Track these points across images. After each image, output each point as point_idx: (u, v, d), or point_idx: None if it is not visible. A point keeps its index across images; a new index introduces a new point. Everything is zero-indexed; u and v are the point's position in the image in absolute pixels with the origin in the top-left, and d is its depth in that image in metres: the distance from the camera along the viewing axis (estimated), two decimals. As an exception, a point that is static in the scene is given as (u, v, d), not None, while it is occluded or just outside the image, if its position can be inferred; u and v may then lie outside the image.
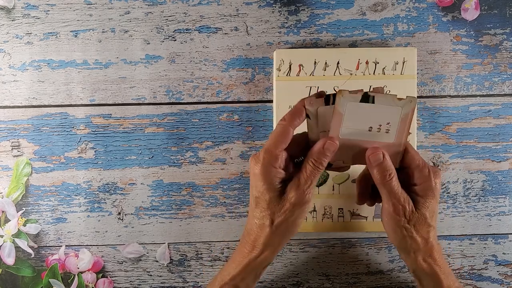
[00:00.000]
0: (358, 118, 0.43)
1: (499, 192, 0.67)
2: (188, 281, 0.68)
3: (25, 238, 0.64)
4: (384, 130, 0.43)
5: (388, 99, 0.42)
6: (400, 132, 0.43)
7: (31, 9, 0.65)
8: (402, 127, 0.43)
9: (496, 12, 0.66)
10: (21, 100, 0.66)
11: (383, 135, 0.43)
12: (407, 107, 0.42)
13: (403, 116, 0.42)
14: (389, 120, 0.43)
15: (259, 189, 0.46)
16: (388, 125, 0.42)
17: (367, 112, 0.42)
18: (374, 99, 0.42)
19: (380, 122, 0.42)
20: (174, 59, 0.66)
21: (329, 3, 0.65)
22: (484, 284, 0.68)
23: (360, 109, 0.42)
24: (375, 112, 0.42)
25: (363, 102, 0.42)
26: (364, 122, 0.43)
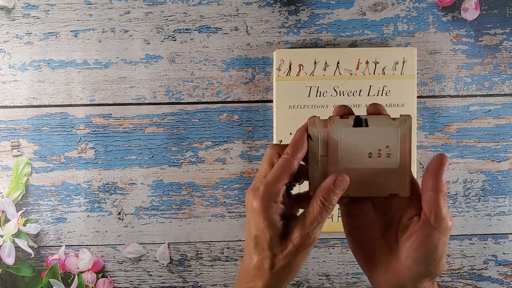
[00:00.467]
0: (355, 145, 0.40)
1: (499, 192, 0.67)
2: (188, 281, 0.68)
3: (25, 238, 0.64)
4: (384, 154, 0.40)
5: (382, 120, 0.40)
6: (403, 154, 0.40)
7: (31, 9, 0.65)
8: (403, 149, 0.40)
9: (496, 12, 0.66)
10: (21, 100, 0.66)
11: (385, 160, 0.40)
12: (403, 126, 0.40)
13: (402, 137, 0.40)
14: (388, 143, 0.40)
15: (258, 227, 0.40)
16: (388, 149, 0.40)
17: (363, 137, 0.40)
18: (367, 122, 0.40)
19: (379, 146, 0.40)
20: (174, 59, 0.66)
21: (329, 3, 0.65)
22: (484, 284, 0.68)
23: (354, 134, 0.40)
24: (371, 135, 0.40)
25: (356, 126, 0.40)
26: (362, 148, 0.40)
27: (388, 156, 0.40)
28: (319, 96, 0.64)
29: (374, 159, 0.40)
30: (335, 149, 0.41)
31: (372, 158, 0.40)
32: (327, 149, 0.41)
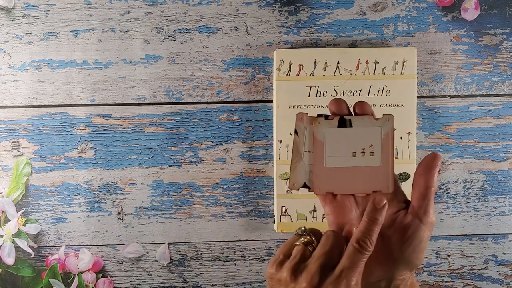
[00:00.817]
0: (339, 144, 0.42)
1: (499, 192, 0.67)
2: (188, 281, 0.68)
3: (25, 238, 0.64)
4: (368, 153, 0.42)
5: (365, 121, 0.42)
6: (386, 153, 0.42)
7: (31, 9, 0.65)
8: (385, 148, 0.42)
9: (496, 12, 0.66)
10: (21, 100, 0.66)
11: (369, 158, 0.42)
12: (385, 126, 0.42)
13: (384, 136, 0.42)
14: (371, 142, 0.42)
15: None
16: (372, 148, 0.42)
17: (347, 137, 0.42)
18: (351, 122, 0.42)
19: (362, 145, 0.42)
20: (174, 59, 0.66)
21: (329, 3, 0.65)
22: (484, 284, 0.68)
23: (339, 135, 0.42)
24: (355, 135, 0.42)
25: (340, 127, 0.42)
26: (346, 148, 0.42)
27: (371, 155, 0.42)
28: (319, 96, 0.64)
29: (358, 158, 0.42)
30: (320, 149, 0.42)
31: (356, 157, 0.42)
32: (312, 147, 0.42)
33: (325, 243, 0.40)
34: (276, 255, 0.41)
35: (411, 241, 0.41)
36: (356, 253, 0.38)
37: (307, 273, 0.38)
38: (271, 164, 0.66)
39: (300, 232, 0.41)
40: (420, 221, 0.41)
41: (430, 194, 0.41)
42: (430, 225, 0.41)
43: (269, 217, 0.67)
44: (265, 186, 0.67)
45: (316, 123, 0.42)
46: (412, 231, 0.41)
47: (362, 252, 0.38)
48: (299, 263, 0.39)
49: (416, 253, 0.41)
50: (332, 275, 0.38)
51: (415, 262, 0.41)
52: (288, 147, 0.64)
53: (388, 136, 0.42)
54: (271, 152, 0.66)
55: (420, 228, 0.41)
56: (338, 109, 0.42)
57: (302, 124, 0.42)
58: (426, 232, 0.41)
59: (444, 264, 0.68)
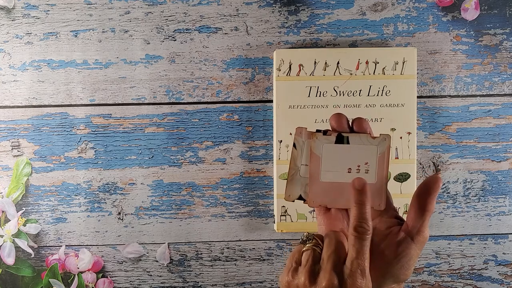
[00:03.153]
0: (336, 160, 0.43)
1: (499, 192, 0.67)
2: (188, 281, 0.68)
3: (25, 238, 0.64)
4: (363, 170, 0.43)
5: (362, 139, 0.43)
6: (380, 170, 0.43)
7: (31, 9, 0.65)
8: (380, 166, 0.43)
9: (496, 12, 0.66)
10: (21, 100, 0.66)
11: (364, 175, 0.43)
12: (382, 145, 0.43)
13: (380, 155, 0.43)
14: (367, 160, 0.43)
15: None
16: (367, 165, 0.43)
17: (344, 153, 0.43)
18: (348, 139, 0.43)
19: (358, 162, 0.43)
20: (174, 59, 0.66)
21: (329, 3, 0.65)
22: (484, 284, 0.68)
23: (336, 151, 0.43)
24: (351, 152, 0.43)
25: (338, 143, 0.43)
26: (342, 164, 0.43)
27: (366, 172, 0.43)
28: (319, 96, 0.64)
29: (353, 174, 0.43)
30: (317, 163, 0.43)
31: (351, 173, 0.43)
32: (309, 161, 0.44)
33: (330, 242, 0.41)
34: (288, 264, 0.42)
35: (400, 257, 0.41)
36: (359, 240, 0.39)
37: (324, 273, 0.39)
38: (271, 164, 0.66)
39: (305, 238, 0.42)
40: (412, 240, 0.41)
41: (427, 216, 0.41)
42: (422, 243, 0.42)
43: (269, 217, 0.67)
44: (265, 186, 0.67)
45: (314, 138, 0.43)
46: (402, 248, 0.41)
47: (363, 237, 0.39)
48: (314, 266, 0.40)
49: (404, 269, 0.41)
50: (346, 269, 0.39)
51: (403, 277, 0.42)
52: (288, 147, 0.64)
53: (384, 155, 0.43)
54: (271, 152, 0.66)
55: (411, 246, 0.41)
56: (338, 124, 0.44)
57: (300, 138, 0.44)
58: (417, 250, 0.41)
59: (444, 264, 0.68)
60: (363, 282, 0.39)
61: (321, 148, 0.43)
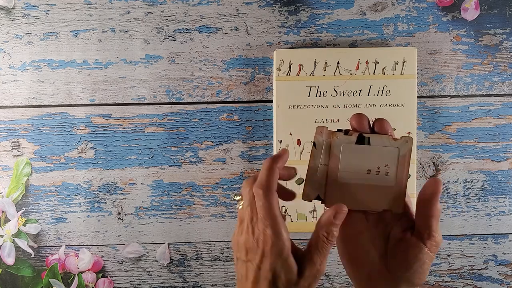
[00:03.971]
0: (355, 161, 0.42)
1: (499, 192, 0.67)
2: (188, 281, 0.68)
3: (25, 238, 0.64)
4: (383, 172, 0.42)
5: (384, 140, 0.42)
6: (400, 174, 0.42)
7: (31, 9, 0.65)
8: (401, 169, 0.42)
9: (496, 12, 0.66)
10: (21, 100, 0.66)
11: (383, 178, 0.42)
12: (404, 147, 0.42)
13: (401, 158, 0.42)
14: (387, 162, 0.42)
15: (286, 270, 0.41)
16: (387, 167, 0.42)
17: (364, 154, 0.42)
18: (369, 140, 0.42)
19: (378, 164, 0.42)
20: (174, 59, 0.66)
21: (329, 3, 0.65)
22: (484, 284, 0.68)
23: (356, 151, 0.42)
24: (371, 153, 0.42)
25: (358, 143, 0.42)
26: (362, 165, 0.42)
27: (386, 174, 0.42)
28: (319, 96, 0.64)
29: (372, 176, 0.42)
30: (335, 164, 0.42)
31: (370, 175, 0.42)
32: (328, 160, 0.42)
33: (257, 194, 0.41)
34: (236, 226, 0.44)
35: (413, 262, 0.41)
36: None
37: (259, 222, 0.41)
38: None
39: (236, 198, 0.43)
40: (424, 245, 0.41)
41: (433, 222, 0.41)
42: (435, 247, 0.41)
43: (269, 217, 0.67)
44: (265, 186, 0.67)
45: (335, 137, 0.42)
46: (415, 253, 0.41)
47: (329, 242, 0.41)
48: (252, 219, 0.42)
49: (418, 273, 0.41)
50: None
51: (417, 282, 0.42)
52: (288, 147, 0.64)
53: (405, 158, 0.42)
54: (271, 152, 0.66)
55: (423, 251, 0.41)
56: (359, 124, 0.43)
57: (321, 137, 0.43)
58: (430, 255, 0.41)
59: (444, 264, 0.68)
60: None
61: (341, 148, 0.42)
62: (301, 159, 0.64)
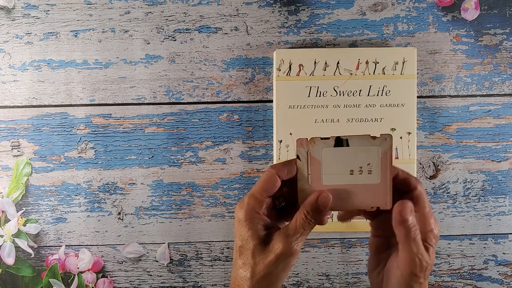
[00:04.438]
0: (337, 163, 0.43)
1: (499, 192, 0.67)
2: (188, 281, 0.68)
3: (25, 238, 0.64)
4: (366, 171, 0.43)
5: (363, 140, 0.42)
6: (384, 170, 0.42)
7: (31, 9, 0.65)
8: (384, 166, 0.42)
9: (496, 12, 0.66)
10: (21, 100, 0.66)
11: (367, 176, 0.43)
12: (384, 145, 0.42)
13: (382, 155, 0.42)
14: (368, 160, 0.42)
15: (243, 237, 0.43)
16: (369, 166, 0.42)
17: (345, 156, 0.42)
18: (348, 142, 0.42)
19: (360, 164, 0.42)
20: (174, 59, 0.66)
21: (329, 3, 0.65)
22: (484, 284, 0.68)
23: (336, 154, 0.42)
24: (352, 154, 0.42)
25: (337, 146, 0.42)
26: (344, 166, 0.43)
27: (369, 173, 0.43)
28: (319, 96, 0.64)
29: (356, 176, 0.43)
30: (317, 168, 0.43)
31: (353, 175, 0.43)
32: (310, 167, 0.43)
33: None
34: None
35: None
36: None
37: None
38: (271, 164, 0.66)
39: None
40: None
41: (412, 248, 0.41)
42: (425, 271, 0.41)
43: (269, 217, 0.67)
44: (265, 186, 0.67)
45: (313, 143, 0.43)
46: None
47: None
48: None
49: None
50: None
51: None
52: (288, 147, 0.64)
53: (386, 155, 0.42)
54: (271, 152, 0.66)
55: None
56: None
57: (302, 149, 0.43)
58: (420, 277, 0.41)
59: (444, 264, 0.68)
60: None
61: (320, 152, 0.43)
62: (301, 159, 0.64)
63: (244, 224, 0.43)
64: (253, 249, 0.42)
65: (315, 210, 0.42)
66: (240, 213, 0.43)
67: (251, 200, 0.43)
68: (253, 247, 0.42)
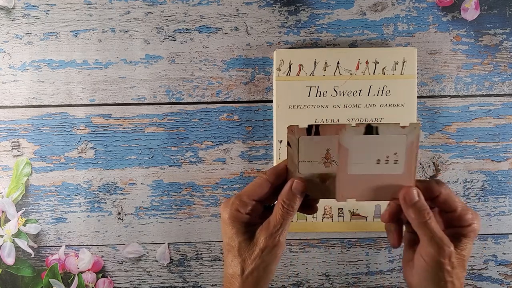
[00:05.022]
0: (364, 152, 0.42)
1: (499, 192, 0.67)
2: (188, 281, 0.68)
3: (25, 238, 0.64)
4: (392, 161, 0.42)
5: (392, 128, 0.41)
6: (409, 161, 0.42)
7: (31, 9, 0.65)
8: (409, 156, 0.42)
9: (496, 12, 0.66)
10: (21, 100, 0.66)
11: (392, 166, 0.42)
12: (411, 134, 0.41)
13: (409, 144, 0.42)
14: (396, 150, 0.42)
15: (228, 235, 0.44)
16: (396, 156, 0.42)
17: (373, 144, 0.42)
18: (377, 130, 0.41)
19: (387, 153, 0.42)
20: (174, 59, 0.66)
21: (329, 3, 0.65)
22: (484, 284, 0.68)
23: (365, 142, 0.41)
24: (380, 143, 0.42)
25: (367, 134, 0.41)
26: (371, 155, 0.42)
27: (395, 163, 0.42)
28: (319, 96, 0.64)
29: (382, 166, 0.42)
30: (345, 156, 0.42)
31: (380, 164, 0.42)
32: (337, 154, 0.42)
33: None
34: None
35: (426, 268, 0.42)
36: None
37: None
38: (271, 164, 0.66)
39: None
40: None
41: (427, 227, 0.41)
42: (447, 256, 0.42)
43: (269, 217, 0.67)
44: (265, 186, 0.67)
45: (343, 130, 0.42)
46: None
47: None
48: None
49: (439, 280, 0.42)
50: None
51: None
52: (288, 147, 0.64)
53: (413, 144, 0.42)
54: (271, 152, 0.66)
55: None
56: None
57: (293, 136, 0.43)
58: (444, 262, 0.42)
59: (444, 264, 0.68)
60: None
61: (350, 140, 0.41)
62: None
63: (228, 223, 0.44)
64: (239, 246, 0.44)
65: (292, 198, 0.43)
66: (224, 213, 0.44)
67: (236, 201, 0.44)
68: (238, 244, 0.44)
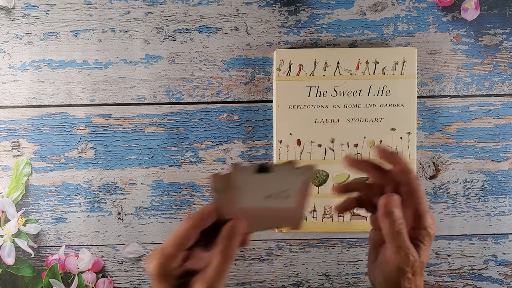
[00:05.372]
0: (256, 189, 0.42)
1: (499, 192, 0.67)
2: (188, 281, 0.68)
3: (25, 238, 0.64)
4: (283, 196, 0.43)
5: (285, 169, 0.42)
6: (300, 197, 0.43)
7: (31, 9, 0.65)
8: (301, 193, 0.43)
9: (496, 12, 0.66)
10: (21, 100, 0.66)
11: (283, 200, 0.43)
12: (304, 175, 0.42)
13: (302, 183, 0.42)
14: (288, 187, 0.42)
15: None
16: (288, 192, 0.42)
17: (265, 182, 0.42)
18: (270, 169, 0.41)
19: (279, 189, 0.42)
20: (174, 59, 0.66)
21: (329, 3, 0.65)
22: (484, 284, 0.68)
23: (256, 180, 0.41)
24: (272, 181, 0.42)
25: (259, 173, 0.41)
26: (262, 192, 0.42)
27: (286, 198, 0.43)
28: (319, 96, 0.64)
29: (272, 199, 0.42)
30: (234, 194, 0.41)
31: (271, 198, 0.42)
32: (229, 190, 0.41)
33: None
34: None
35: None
36: None
37: None
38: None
39: None
40: None
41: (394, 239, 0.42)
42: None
43: (269, 217, 0.67)
44: (265, 186, 0.67)
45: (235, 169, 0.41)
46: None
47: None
48: None
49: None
50: None
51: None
52: (288, 147, 0.64)
53: (306, 183, 0.43)
54: (271, 152, 0.66)
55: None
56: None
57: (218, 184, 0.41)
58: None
59: (444, 264, 0.68)
60: None
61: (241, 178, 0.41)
62: (301, 159, 0.64)
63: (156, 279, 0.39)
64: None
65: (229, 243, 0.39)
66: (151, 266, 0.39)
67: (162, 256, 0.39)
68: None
